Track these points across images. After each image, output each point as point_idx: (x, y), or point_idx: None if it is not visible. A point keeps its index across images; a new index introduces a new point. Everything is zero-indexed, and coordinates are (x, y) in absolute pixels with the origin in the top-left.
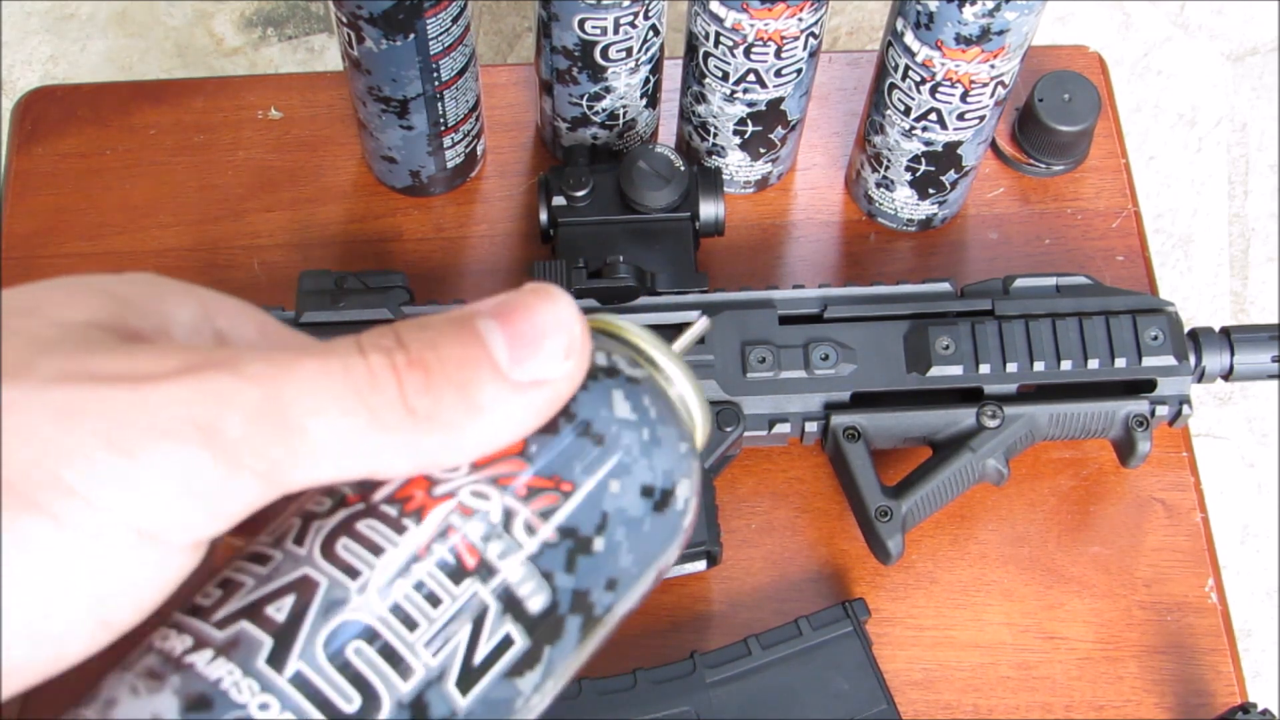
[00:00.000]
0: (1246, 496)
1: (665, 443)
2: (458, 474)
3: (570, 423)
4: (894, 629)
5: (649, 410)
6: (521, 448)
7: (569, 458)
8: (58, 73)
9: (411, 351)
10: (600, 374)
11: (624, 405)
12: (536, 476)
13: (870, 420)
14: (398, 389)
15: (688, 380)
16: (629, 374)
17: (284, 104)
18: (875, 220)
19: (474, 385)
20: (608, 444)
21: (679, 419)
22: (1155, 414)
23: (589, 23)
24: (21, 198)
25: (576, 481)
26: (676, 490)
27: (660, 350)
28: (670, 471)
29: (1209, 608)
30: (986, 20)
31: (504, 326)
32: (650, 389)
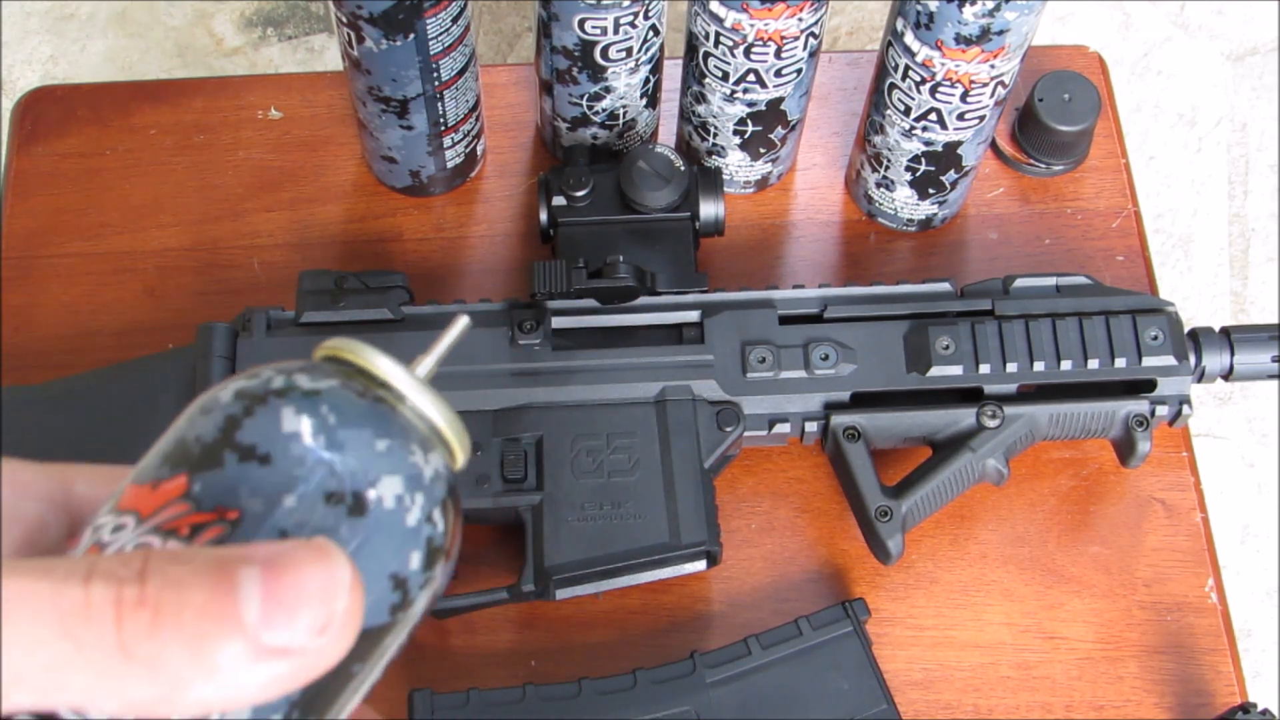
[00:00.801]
0: (1246, 496)
1: (350, 444)
2: (125, 531)
3: (233, 451)
4: (894, 629)
5: (326, 418)
6: (184, 489)
7: (233, 485)
8: (58, 73)
9: (149, 588)
10: (270, 396)
11: (293, 419)
12: (198, 512)
13: (870, 420)
14: (115, 627)
15: (416, 387)
16: (305, 388)
17: (284, 104)
18: (875, 220)
19: (210, 640)
20: (275, 461)
21: (380, 416)
22: (1155, 414)
23: (589, 23)
24: (21, 198)
25: (243, 506)
26: (378, 490)
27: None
28: (359, 473)
29: (1209, 608)
30: (986, 20)
31: (265, 583)
32: (333, 398)
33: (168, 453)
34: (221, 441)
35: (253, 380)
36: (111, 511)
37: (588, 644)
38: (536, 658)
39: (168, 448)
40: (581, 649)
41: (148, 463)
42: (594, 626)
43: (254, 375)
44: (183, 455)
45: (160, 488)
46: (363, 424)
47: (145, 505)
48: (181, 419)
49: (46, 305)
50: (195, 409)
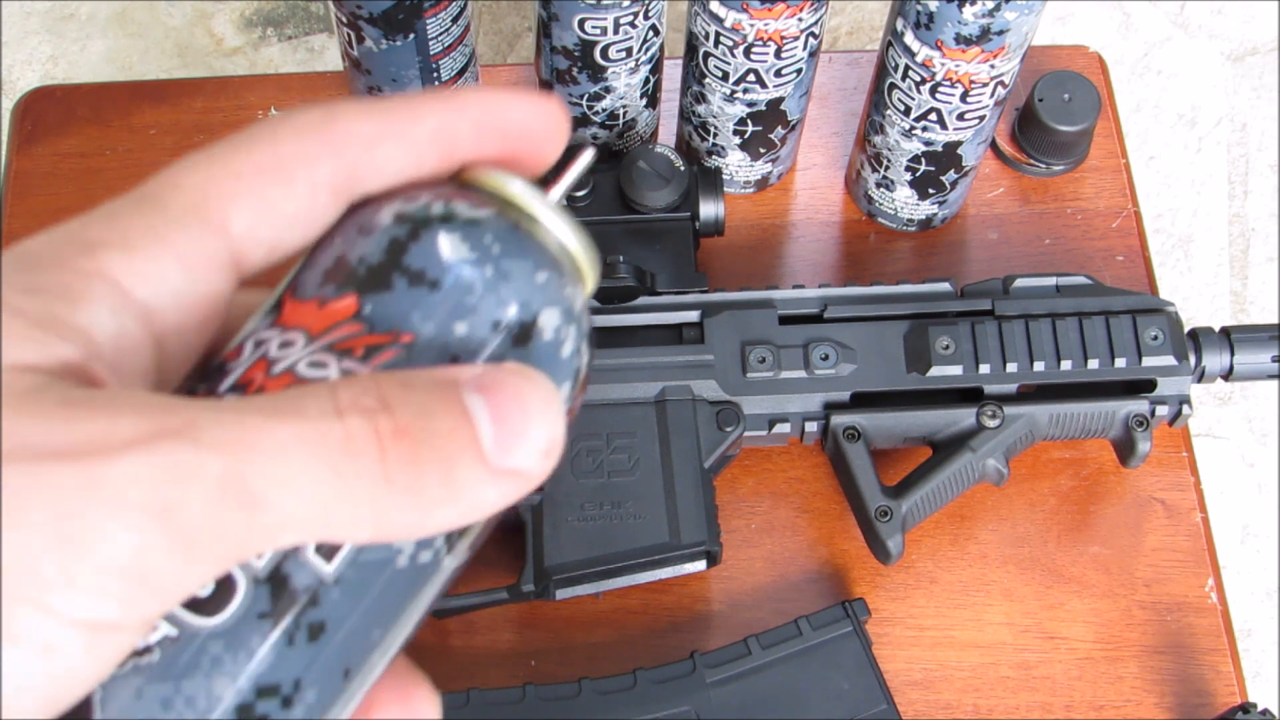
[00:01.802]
0: (1246, 496)
1: (515, 275)
2: (294, 348)
3: (401, 275)
4: (894, 629)
5: (490, 247)
6: (355, 309)
7: (404, 309)
8: (58, 73)
9: (399, 417)
10: (434, 221)
11: (460, 247)
12: (372, 334)
13: (870, 420)
14: (379, 460)
15: (558, 217)
16: (467, 216)
17: (284, 104)
18: (875, 220)
19: (458, 466)
20: (444, 286)
21: (538, 247)
22: (1155, 414)
23: (589, 23)
24: (21, 198)
25: (416, 330)
26: (539, 321)
27: (530, 194)
28: (525, 303)
29: (1209, 608)
30: (986, 20)
31: (491, 408)
32: (494, 227)
33: (329, 267)
34: (389, 264)
35: (411, 203)
36: (271, 325)
37: (588, 644)
38: (536, 658)
39: (328, 263)
40: (581, 649)
41: (305, 277)
42: (594, 626)
43: (410, 198)
44: (347, 274)
45: (328, 306)
46: (524, 255)
47: (313, 322)
48: (337, 235)
49: None
50: (352, 226)
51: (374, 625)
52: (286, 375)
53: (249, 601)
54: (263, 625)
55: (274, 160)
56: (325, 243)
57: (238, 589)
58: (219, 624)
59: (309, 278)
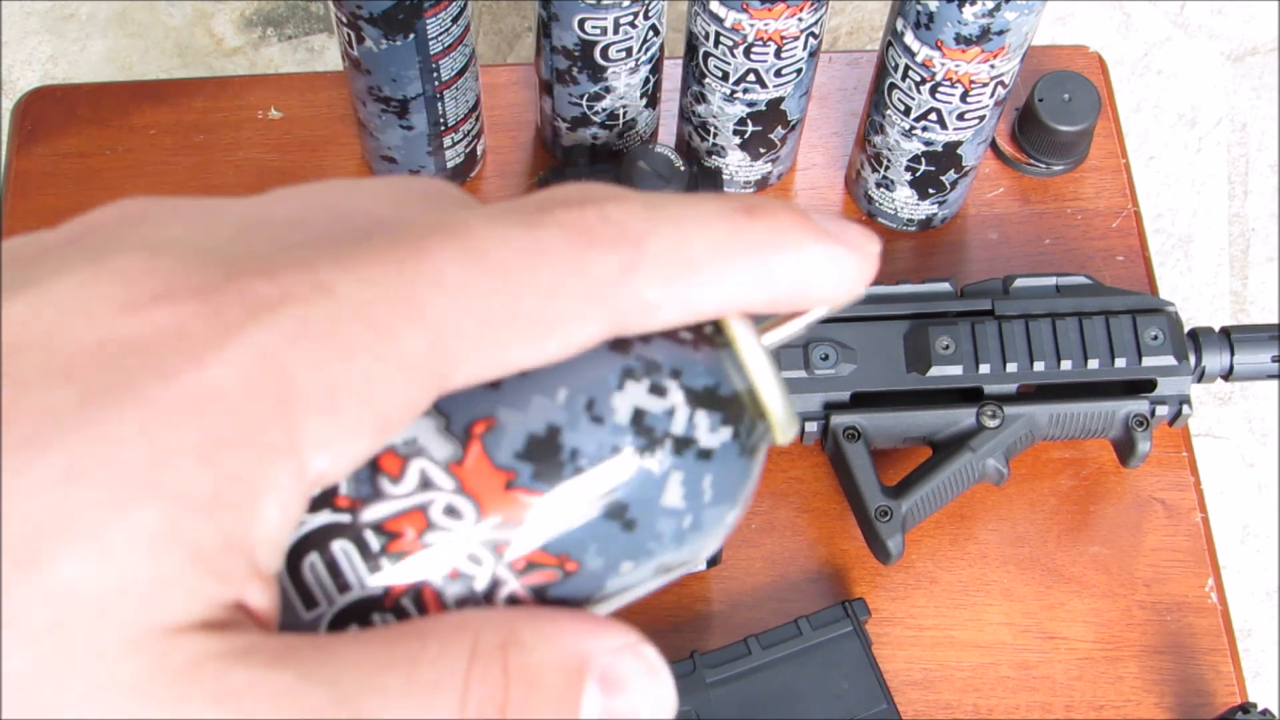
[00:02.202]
0: (1246, 496)
1: (708, 524)
2: (459, 522)
3: (603, 500)
4: (894, 629)
5: (704, 494)
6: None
7: (587, 538)
8: (58, 73)
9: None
10: (667, 442)
11: (676, 494)
12: (543, 552)
13: (870, 420)
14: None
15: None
16: (702, 447)
17: (284, 104)
18: (875, 220)
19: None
20: (638, 531)
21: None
22: (1155, 414)
23: (589, 23)
24: (21, 198)
25: (585, 564)
26: (696, 556)
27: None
28: (698, 546)
29: (1209, 608)
30: (986, 20)
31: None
32: (719, 467)
33: (534, 439)
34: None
35: (654, 400)
36: (447, 470)
37: None
38: None
39: (536, 430)
40: None
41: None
42: None
43: (657, 388)
44: (551, 465)
45: (514, 494)
46: (730, 501)
47: (490, 505)
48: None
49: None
50: (581, 393)
51: None
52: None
53: None
54: None
55: (541, 313)
56: (550, 379)
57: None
58: None
59: (511, 428)
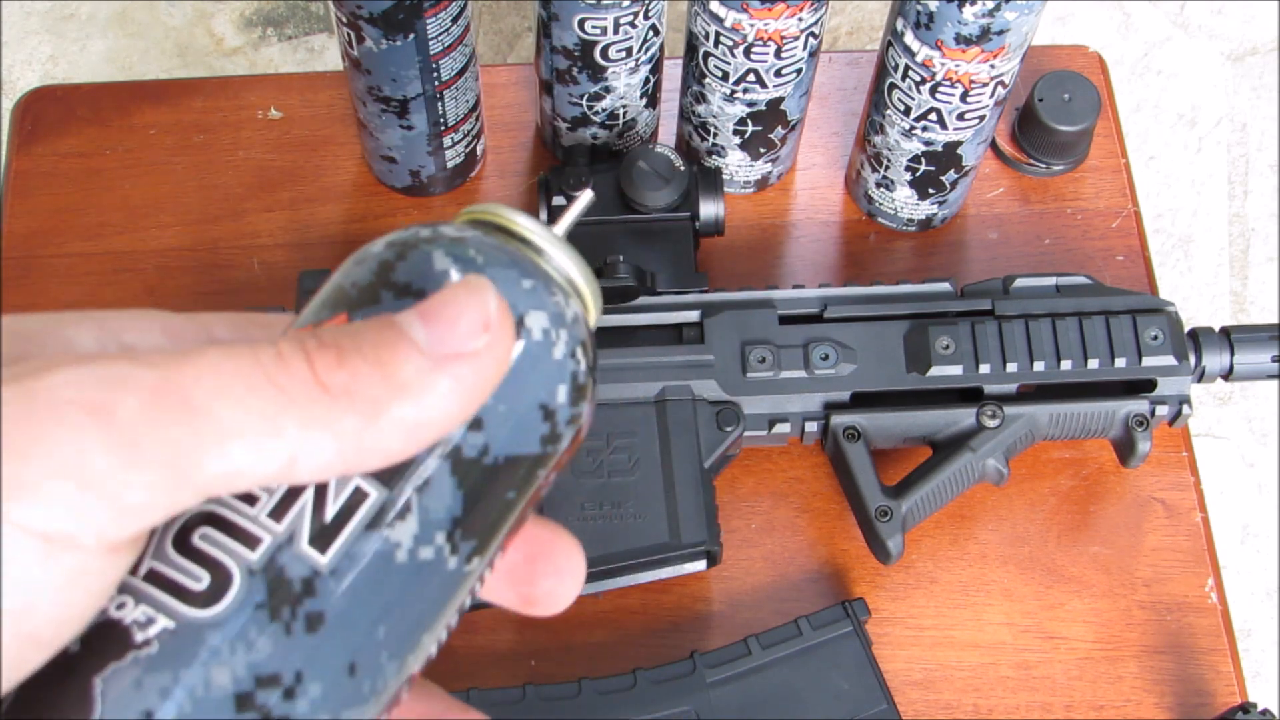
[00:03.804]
0: (1246, 496)
1: (498, 280)
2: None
3: (388, 289)
4: (894, 629)
5: (474, 259)
6: (345, 323)
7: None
8: (58, 73)
9: (324, 338)
10: (420, 242)
11: (443, 259)
12: None
13: (870, 420)
14: (307, 366)
15: (553, 242)
16: (452, 235)
17: (284, 104)
18: (875, 220)
19: (393, 362)
20: (428, 294)
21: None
22: (1155, 414)
23: (589, 23)
24: (21, 198)
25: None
26: (526, 321)
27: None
28: (510, 303)
29: (1209, 608)
30: (986, 20)
31: (421, 314)
32: (477, 243)
33: (326, 298)
34: (377, 282)
35: (403, 231)
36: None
37: (588, 644)
38: (536, 658)
39: (326, 295)
40: (581, 649)
41: (307, 312)
42: (594, 626)
43: (403, 228)
44: (340, 297)
45: (322, 326)
46: (508, 265)
47: None
48: (336, 273)
49: (46, 305)
50: (349, 262)
51: (377, 621)
52: None
53: (245, 592)
54: (259, 615)
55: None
56: (329, 281)
57: (233, 579)
58: (216, 614)
59: (310, 309)
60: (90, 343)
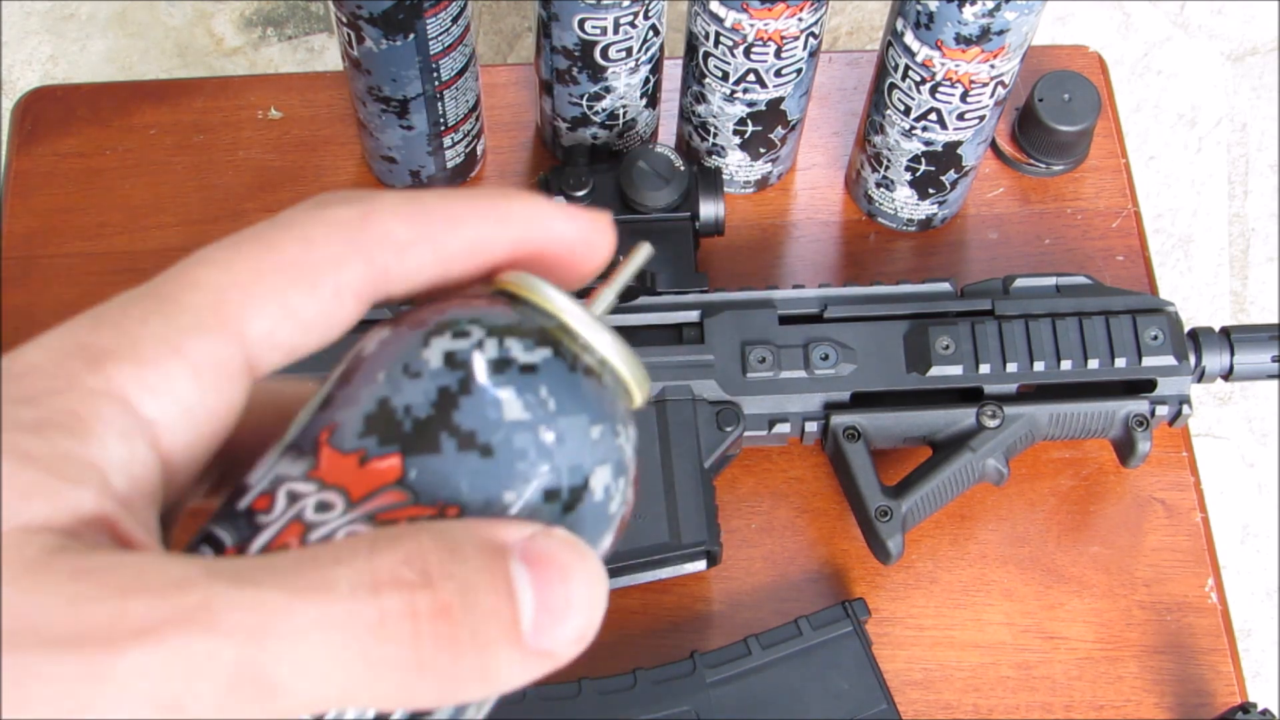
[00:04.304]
0: (1246, 496)
1: (570, 435)
2: (333, 513)
3: (451, 436)
4: (894, 629)
5: (546, 403)
6: (399, 474)
7: (452, 476)
8: (58, 73)
9: (439, 594)
10: (490, 369)
11: (515, 405)
12: (418, 505)
13: (870, 420)
14: (412, 645)
15: (609, 341)
16: (522, 362)
17: (284, 104)
18: (875, 220)
19: (494, 650)
20: (497, 454)
21: (594, 395)
22: (1155, 414)
23: (589, 23)
24: (21, 198)
25: (464, 502)
26: (591, 483)
27: (575, 315)
28: (578, 466)
29: (1209, 608)
30: (986, 20)
31: (536, 586)
32: (549, 377)
33: (371, 417)
34: (438, 421)
35: (461, 341)
36: (307, 477)
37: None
38: None
39: (370, 409)
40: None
41: (344, 418)
42: None
43: (460, 333)
44: (391, 428)
45: (370, 466)
46: (580, 409)
47: (354, 484)
48: (377, 371)
49: (46, 305)
50: (396, 364)
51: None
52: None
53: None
54: None
55: (302, 261)
56: (366, 371)
57: None
58: None
59: (349, 420)
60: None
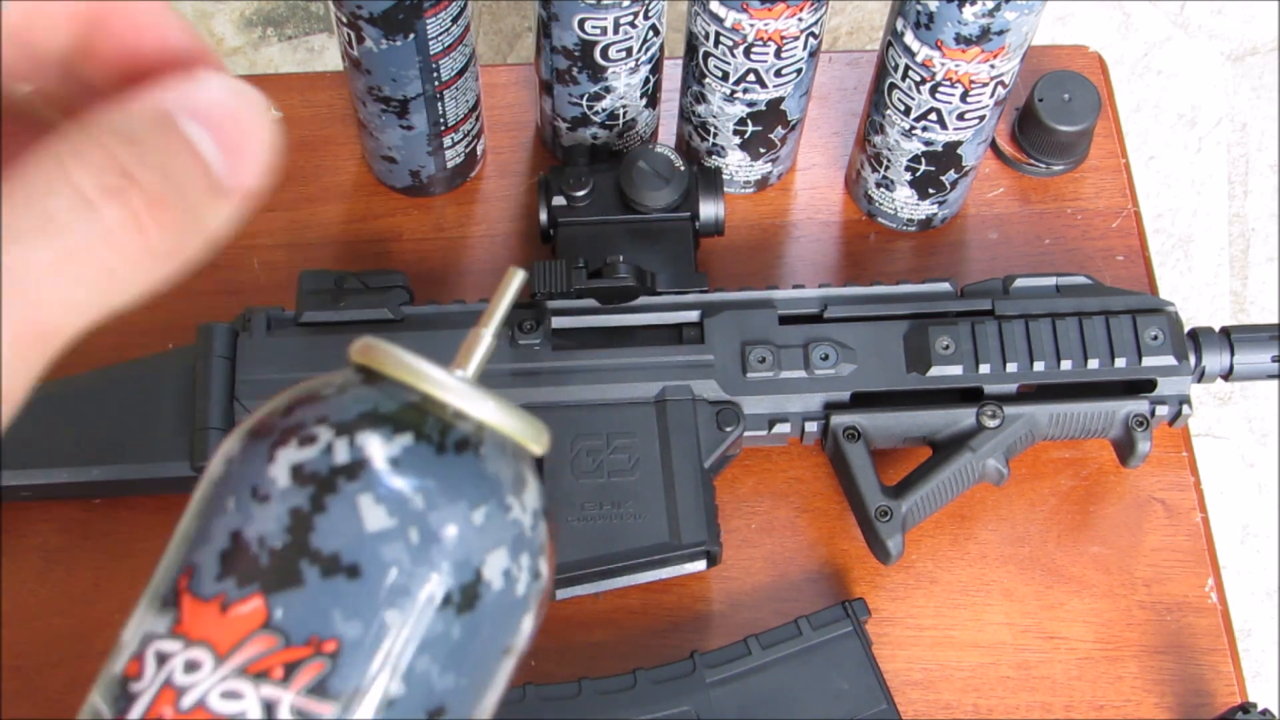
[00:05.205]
0: (1246, 496)
1: (447, 530)
2: (202, 672)
3: (312, 563)
4: (894, 629)
5: (413, 501)
6: (265, 617)
7: (321, 607)
8: None
9: (146, 187)
10: (339, 480)
11: (376, 514)
12: (290, 648)
13: (870, 420)
14: (141, 237)
15: (486, 404)
16: (379, 462)
17: (284, 104)
18: (875, 220)
19: (203, 207)
20: (365, 573)
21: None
22: (1155, 414)
23: (589, 23)
24: None
25: (340, 635)
26: (484, 574)
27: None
28: (464, 562)
29: (1209, 608)
30: (986, 20)
31: (211, 132)
32: (412, 469)
33: (225, 554)
34: (295, 550)
35: (307, 449)
36: (172, 633)
37: (588, 644)
38: (536, 658)
39: (224, 546)
40: (581, 649)
41: (200, 558)
42: (594, 626)
43: (307, 439)
44: (247, 564)
45: (232, 612)
46: (455, 496)
47: (218, 636)
48: (226, 498)
49: None
50: (244, 488)
51: None
52: (198, 711)
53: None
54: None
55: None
56: (216, 497)
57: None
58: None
59: (205, 561)
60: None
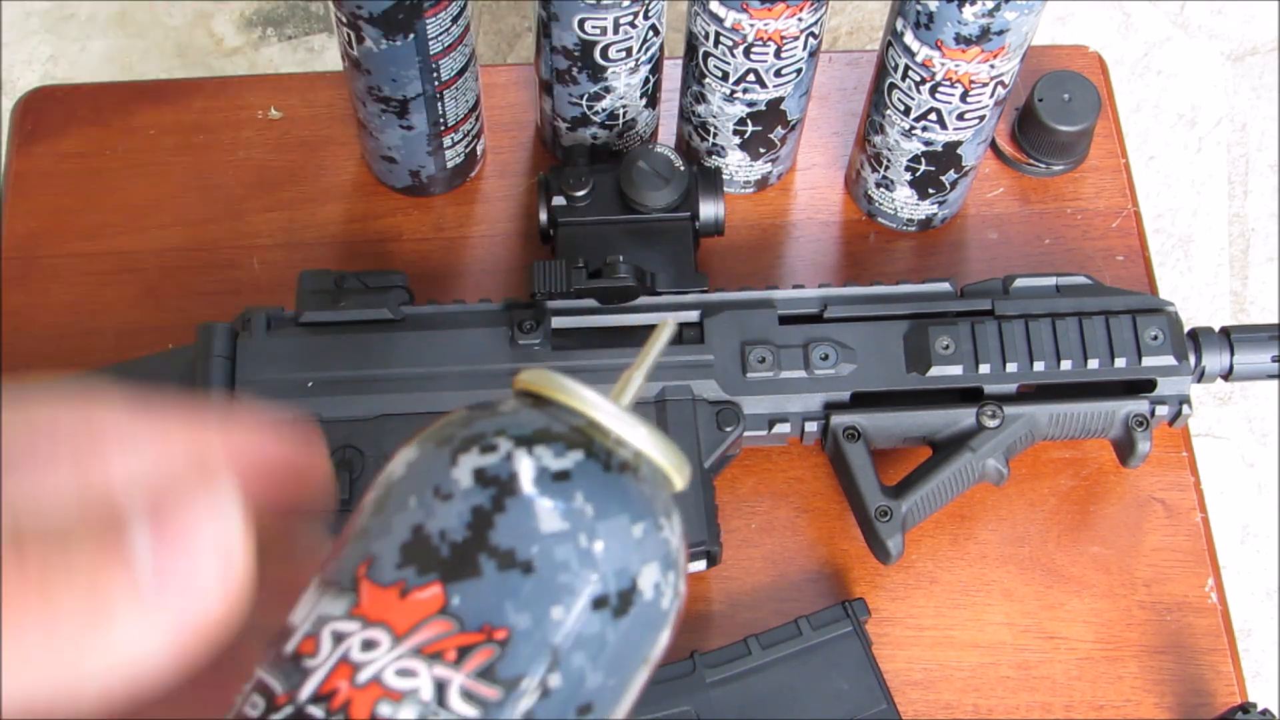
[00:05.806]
0: (1246, 496)
1: (611, 539)
2: (379, 650)
3: (490, 557)
4: (894, 629)
5: (584, 510)
6: (442, 602)
7: (495, 598)
8: (58, 73)
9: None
10: (518, 482)
11: (551, 517)
12: (464, 633)
13: (870, 420)
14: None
15: (643, 433)
16: (554, 470)
17: (284, 104)
18: (875, 220)
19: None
20: (538, 570)
21: (632, 493)
22: (1155, 414)
23: (589, 23)
24: (21, 198)
25: (511, 625)
26: (639, 584)
27: (604, 410)
28: (623, 570)
29: (1209, 608)
30: (986, 20)
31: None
32: (583, 481)
33: (407, 546)
34: (475, 544)
35: (490, 456)
36: (350, 615)
37: None
38: None
39: (405, 538)
40: None
41: (381, 549)
42: None
43: (488, 446)
44: (428, 556)
45: (411, 598)
46: (619, 510)
47: (397, 618)
48: (408, 496)
49: (46, 305)
50: (426, 487)
51: None
52: (373, 686)
53: None
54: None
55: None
56: (397, 497)
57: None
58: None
59: (385, 551)
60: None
